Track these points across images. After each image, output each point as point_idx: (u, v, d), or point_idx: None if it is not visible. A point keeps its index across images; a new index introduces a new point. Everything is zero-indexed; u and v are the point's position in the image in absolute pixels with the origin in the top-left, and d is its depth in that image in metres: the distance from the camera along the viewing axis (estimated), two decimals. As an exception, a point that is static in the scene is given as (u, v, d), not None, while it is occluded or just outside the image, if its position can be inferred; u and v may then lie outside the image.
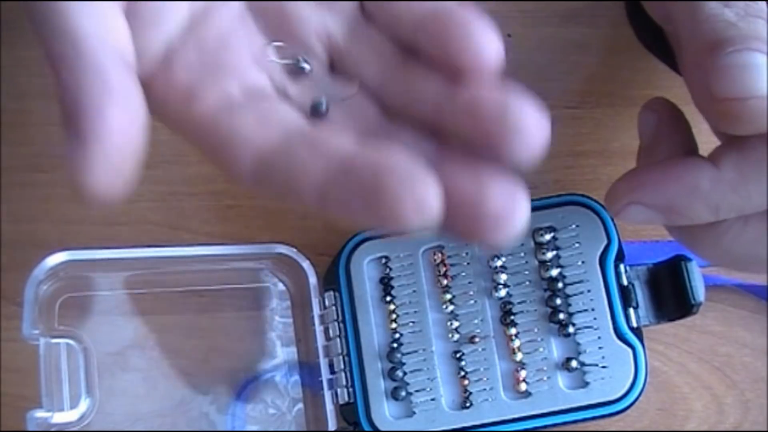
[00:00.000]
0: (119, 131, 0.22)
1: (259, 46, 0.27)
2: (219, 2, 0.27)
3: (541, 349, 0.34)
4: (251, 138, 0.25)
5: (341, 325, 0.34)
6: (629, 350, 0.33)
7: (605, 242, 0.34)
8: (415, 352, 0.34)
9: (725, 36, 0.24)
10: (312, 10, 0.27)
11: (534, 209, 0.34)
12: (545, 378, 0.33)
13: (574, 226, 0.34)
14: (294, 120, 0.26)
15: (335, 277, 0.34)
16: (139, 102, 0.23)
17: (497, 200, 0.22)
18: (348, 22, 0.27)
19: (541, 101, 0.23)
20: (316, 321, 0.34)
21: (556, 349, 0.34)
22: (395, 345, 0.34)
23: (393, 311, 0.34)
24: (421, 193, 0.21)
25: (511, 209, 0.22)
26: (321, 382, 0.34)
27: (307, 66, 0.27)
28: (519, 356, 0.34)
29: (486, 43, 0.23)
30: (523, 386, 0.33)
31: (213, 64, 0.26)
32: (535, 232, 0.34)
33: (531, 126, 0.22)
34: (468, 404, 0.33)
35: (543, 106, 0.23)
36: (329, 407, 0.34)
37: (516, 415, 0.33)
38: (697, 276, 0.33)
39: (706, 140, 0.28)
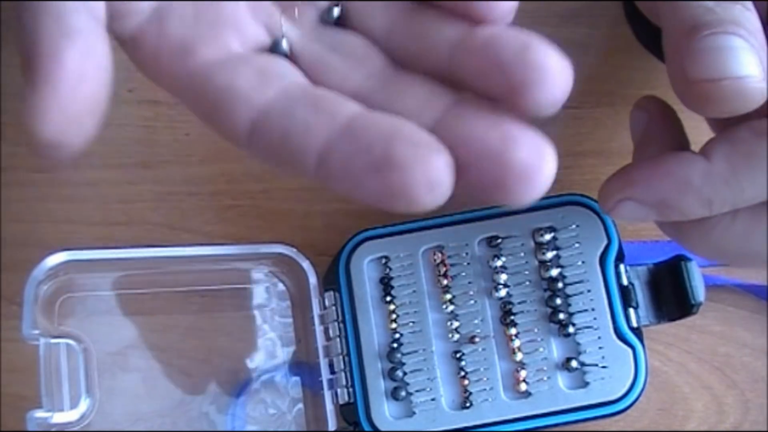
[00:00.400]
0: (76, 75, 0.21)
1: None
2: None
3: (541, 349, 0.34)
4: (248, 94, 0.23)
5: (341, 325, 0.34)
6: (629, 350, 0.33)
7: (605, 242, 0.34)
8: (415, 352, 0.34)
9: (702, 20, 0.25)
10: None
11: (534, 209, 0.34)
12: (545, 378, 0.33)
13: (574, 226, 0.34)
14: (295, 77, 0.25)
15: (335, 277, 0.34)
16: (102, 50, 0.22)
17: (524, 150, 0.20)
18: None
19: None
20: (316, 321, 0.34)
21: (556, 349, 0.34)
22: (395, 345, 0.34)
23: (393, 311, 0.34)
24: (434, 164, 0.20)
25: (539, 160, 0.20)
26: (321, 382, 0.34)
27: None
28: (519, 356, 0.34)
29: None
30: (523, 386, 0.33)
31: (208, 16, 0.25)
32: (535, 232, 0.34)
33: (553, 66, 0.21)
34: (468, 404, 0.33)
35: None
36: (329, 407, 0.34)
37: (516, 415, 0.33)
38: (697, 276, 0.33)
39: (707, 137, 0.28)
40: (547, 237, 0.34)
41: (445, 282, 0.34)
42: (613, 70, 0.39)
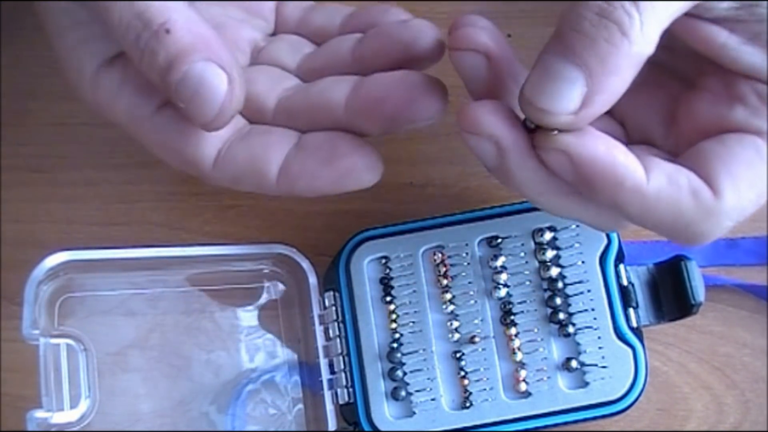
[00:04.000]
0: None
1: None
2: None
3: (541, 349, 0.34)
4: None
5: (341, 325, 0.34)
6: (629, 350, 0.33)
7: (605, 242, 0.34)
8: (415, 352, 0.34)
9: None
10: None
11: (534, 209, 0.34)
12: (545, 378, 0.33)
13: (574, 226, 0.34)
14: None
15: (335, 277, 0.34)
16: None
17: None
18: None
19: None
20: (316, 321, 0.34)
21: (556, 349, 0.34)
22: (395, 345, 0.34)
23: (393, 311, 0.34)
24: (368, 152, 0.28)
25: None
26: (321, 382, 0.34)
27: None
28: (519, 356, 0.34)
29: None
30: (523, 386, 0.33)
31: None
32: (535, 232, 0.34)
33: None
34: (468, 404, 0.33)
35: None
36: (329, 407, 0.34)
37: (516, 415, 0.33)
38: (697, 276, 0.33)
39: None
40: (547, 237, 0.34)
41: (445, 282, 0.34)
42: (613, 70, 0.39)
